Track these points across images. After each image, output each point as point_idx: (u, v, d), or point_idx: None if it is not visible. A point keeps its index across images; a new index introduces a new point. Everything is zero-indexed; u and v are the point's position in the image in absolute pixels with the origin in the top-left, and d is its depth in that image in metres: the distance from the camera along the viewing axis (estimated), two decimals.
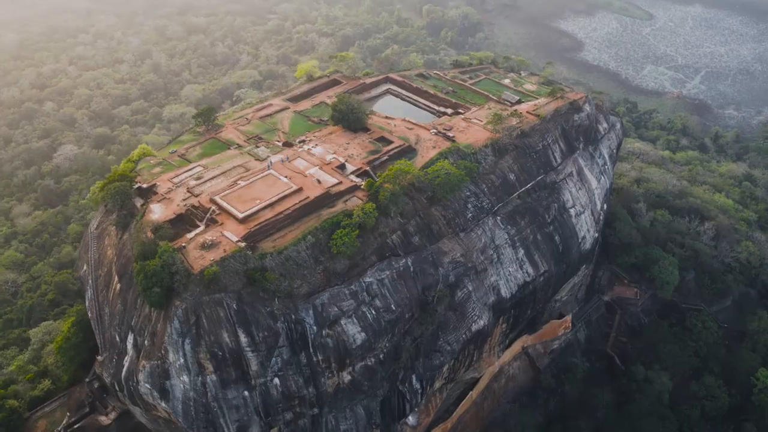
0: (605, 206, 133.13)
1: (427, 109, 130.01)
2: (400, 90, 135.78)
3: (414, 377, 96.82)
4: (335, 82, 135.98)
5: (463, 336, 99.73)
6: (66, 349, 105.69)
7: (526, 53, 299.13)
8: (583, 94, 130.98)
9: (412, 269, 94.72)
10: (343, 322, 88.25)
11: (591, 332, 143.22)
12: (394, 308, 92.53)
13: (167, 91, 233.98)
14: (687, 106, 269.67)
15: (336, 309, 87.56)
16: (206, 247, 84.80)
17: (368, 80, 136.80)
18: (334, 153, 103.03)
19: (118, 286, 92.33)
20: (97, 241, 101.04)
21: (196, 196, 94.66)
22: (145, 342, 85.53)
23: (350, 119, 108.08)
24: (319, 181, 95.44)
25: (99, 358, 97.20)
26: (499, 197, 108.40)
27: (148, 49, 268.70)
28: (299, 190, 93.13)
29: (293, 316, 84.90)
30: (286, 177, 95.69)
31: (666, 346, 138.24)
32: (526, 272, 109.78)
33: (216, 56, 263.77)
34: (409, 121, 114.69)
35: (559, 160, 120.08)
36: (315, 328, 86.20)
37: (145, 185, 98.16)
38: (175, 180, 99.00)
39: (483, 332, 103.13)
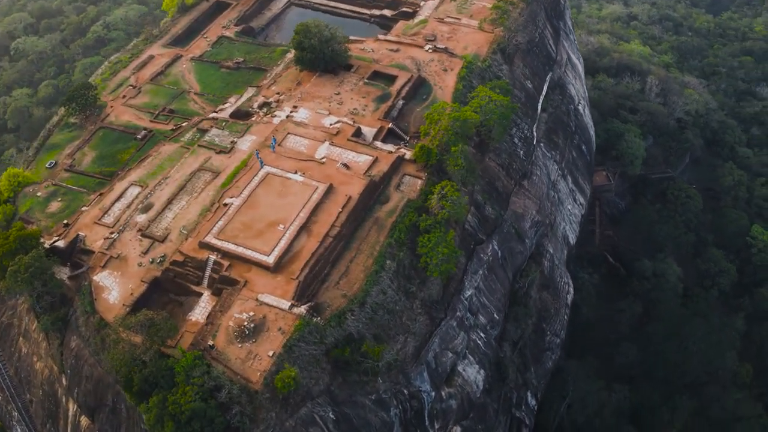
0: None
1: (357, 17, 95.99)
2: None
3: (529, 394, 70.70)
4: (222, 6, 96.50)
5: (566, 316, 74.36)
6: None
7: None
8: None
9: (500, 254, 66.33)
10: (460, 368, 59.30)
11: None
12: (496, 317, 64.71)
13: None
14: None
15: (450, 354, 58.05)
16: (247, 334, 49.93)
17: None
18: (330, 113, 68.35)
19: (86, 421, 54.96)
20: (1, 346, 61.00)
21: (162, 241, 57.31)
22: None
23: (326, 56, 72.34)
24: (346, 166, 61.68)
25: None
26: (531, 117, 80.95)
27: None
28: (330, 188, 59.13)
29: (406, 392, 54.28)
30: (296, 173, 60.63)
31: (661, 229, 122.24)
32: (580, 203, 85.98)
33: None
34: (386, 41, 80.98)
35: (555, 49, 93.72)
36: (433, 393, 56.38)
37: (61, 242, 58.38)
38: (107, 220, 60.18)
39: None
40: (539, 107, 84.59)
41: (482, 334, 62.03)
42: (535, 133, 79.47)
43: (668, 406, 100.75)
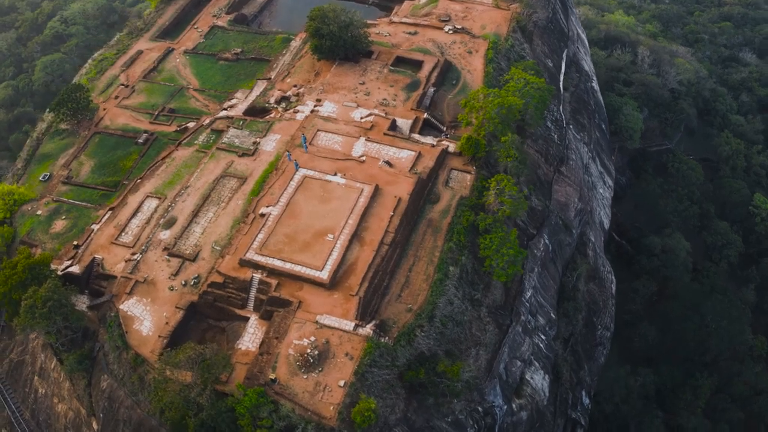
0: None
1: None
2: None
3: (584, 393, 66.31)
4: None
5: (613, 308, 70.08)
6: None
7: None
8: None
9: (551, 249, 61.50)
10: (528, 376, 54.46)
11: None
12: (553, 316, 59.99)
13: None
14: None
15: (518, 362, 53.21)
16: (312, 363, 44.11)
17: None
18: (359, 105, 62.29)
19: None
20: (13, 387, 53.92)
21: (193, 260, 50.86)
22: None
23: (347, 43, 65.94)
24: (389, 164, 55.87)
25: None
26: (557, 97, 76.05)
27: None
28: (377, 190, 53.27)
29: (480, 409, 49.21)
30: (336, 174, 54.60)
31: (666, 203, 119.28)
32: (609, 186, 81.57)
33: None
34: (401, 23, 74.82)
35: (566, 24, 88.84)
36: (504, 407, 51.47)
37: (76, 267, 51.48)
38: (125, 239, 53.36)
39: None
40: (561, 86, 79.84)
41: (543, 337, 57.41)
42: (563, 115, 74.68)
43: (690, 385, 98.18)
